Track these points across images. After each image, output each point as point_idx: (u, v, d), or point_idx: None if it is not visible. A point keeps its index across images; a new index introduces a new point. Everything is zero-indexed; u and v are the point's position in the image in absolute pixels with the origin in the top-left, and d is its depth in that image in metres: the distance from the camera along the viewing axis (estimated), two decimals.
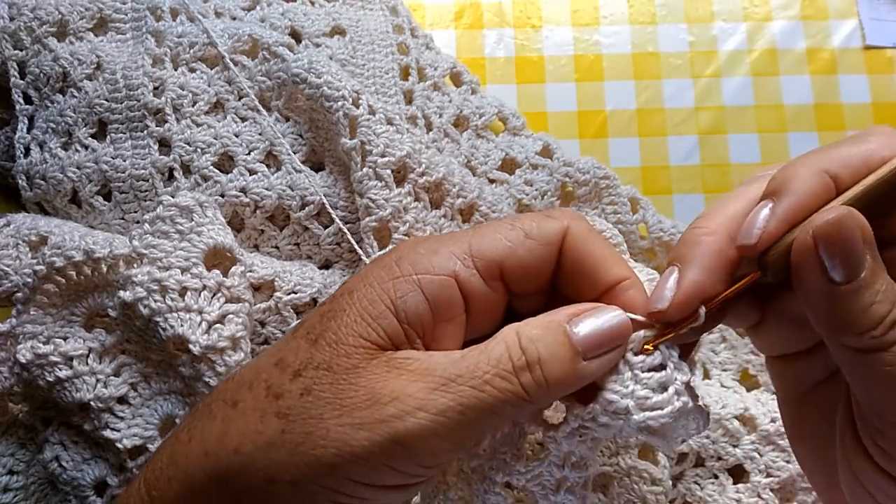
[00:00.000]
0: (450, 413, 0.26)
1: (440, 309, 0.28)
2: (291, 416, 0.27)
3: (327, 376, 0.27)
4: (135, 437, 0.36)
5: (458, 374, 0.26)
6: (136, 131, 0.44)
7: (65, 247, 0.37)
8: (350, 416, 0.26)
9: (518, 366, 0.27)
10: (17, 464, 0.39)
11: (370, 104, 0.42)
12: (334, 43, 0.46)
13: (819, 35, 0.52)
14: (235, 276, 0.37)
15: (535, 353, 0.27)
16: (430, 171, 0.41)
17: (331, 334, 0.28)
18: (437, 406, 0.26)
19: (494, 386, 0.26)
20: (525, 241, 0.29)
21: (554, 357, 0.27)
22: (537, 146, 0.47)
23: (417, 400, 0.26)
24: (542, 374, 0.27)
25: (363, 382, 0.27)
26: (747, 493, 0.41)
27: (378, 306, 0.28)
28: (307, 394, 0.27)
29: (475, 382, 0.26)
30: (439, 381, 0.26)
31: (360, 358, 0.27)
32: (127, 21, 0.47)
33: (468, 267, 0.28)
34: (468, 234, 0.29)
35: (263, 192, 0.42)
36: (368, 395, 0.26)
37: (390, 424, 0.26)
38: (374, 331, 0.28)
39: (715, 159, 0.50)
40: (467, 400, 0.26)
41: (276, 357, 0.29)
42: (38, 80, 0.45)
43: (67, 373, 0.36)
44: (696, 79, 0.52)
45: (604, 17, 0.53)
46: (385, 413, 0.26)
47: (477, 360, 0.27)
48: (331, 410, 0.27)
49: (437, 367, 0.27)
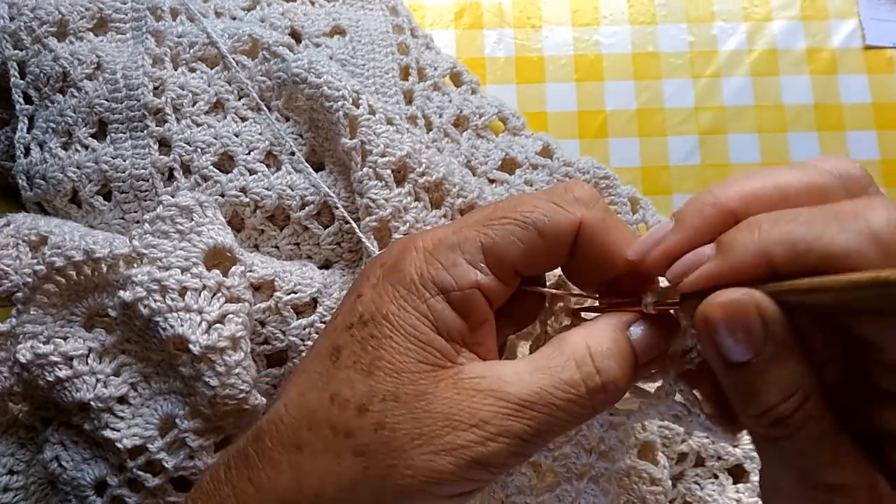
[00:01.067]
0: (525, 436, 0.27)
1: (470, 318, 0.29)
2: (370, 452, 0.27)
3: (397, 407, 0.27)
4: (135, 437, 0.36)
5: (531, 401, 0.27)
6: (136, 131, 0.44)
7: (65, 247, 0.37)
8: (431, 444, 0.27)
9: (592, 388, 0.27)
10: (17, 464, 0.39)
11: (370, 104, 0.42)
12: (334, 43, 0.46)
13: (819, 35, 0.52)
14: (235, 276, 0.37)
15: (612, 372, 0.27)
16: (430, 171, 0.41)
17: (386, 363, 0.28)
18: (515, 432, 0.27)
19: (566, 411, 0.27)
20: (538, 241, 0.28)
21: (626, 374, 0.28)
22: (537, 146, 0.47)
23: (496, 427, 0.27)
24: (616, 392, 0.28)
25: (437, 409, 0.27)
26: (747, 493, 0.41)
27: (424, 330, 0.28)
28: (381, 428, 0.27)
29: (549, 409, 0.27)
30: (514, 408, 0.27)
31: (425, 384, 0.27)
32: (127, 21, 0.47)
33: (486, 274, 0.28)
34: (480, 233, 0.29)
35: (263, 192, 0.42)
36: (446, 421, 0.27)
37: (473, 450, 0.26)
38: (431, 353, 0.28)
39: (715, 159, 0.50)
40: (542, 425, 0.27)
41: (328, 392, 0.28)
42: (38, 80, 0.45)
43: (67, 373, 0.36)
44: (696, 79, 0.52)
45: (604, 17, 0.53)
46: (467, 439, 0.27)
47: (549, 382, 0.27)
48: (410, 441, 0.27)
49: (507, 387, 0.27)
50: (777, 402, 0.24)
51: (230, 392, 0.35)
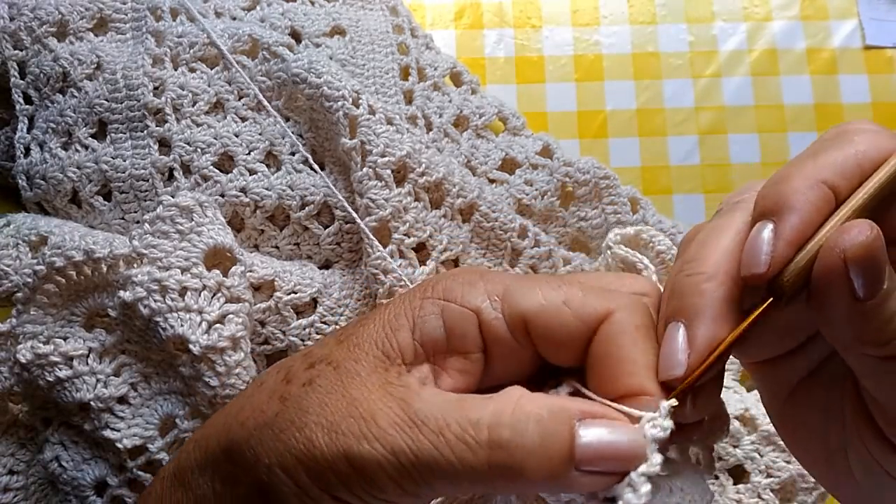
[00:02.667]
0: (402, 457, 0.25)
1: (454, 339, 0.27)
2: (289, 401, 0.27)
3: (332, 374, 0.27)
4: (135, 437, 0.36)
5: (424, 422, 0.25)
6: (136, 131, 0.44)
7: (65, 247, 0.37)
8: (326, 417, 0.26)
9: (494, 440, 0.24)
10: (17, 464, 0.39)
11: (370, 104, 0.42)
12: (334, 43, 0.46)
13: (819, 35, 0.52)
14: (235, 276, 0.37)
15: (524, 434, 0.24)
16: (430, 171, 0.41)
17: (355, 337, 0.28)
18: (392, 443, 0.25)
19: (455, 451, 0.24)
20: (560, 307, 0.27)
21: (543, 449, 0.24)
22: (537, 146, 0.47)
23: (379, 430, 0.25)
24: (520, 462, 0.24)
25: (353, 390, 0.27)
26: (748, 494, 0.41)
27: (400, 319, 0.28)
28: (308, 384, 0.27)
29: (436, 439, 0.24)
30: (407, 421, 0.25)
31: (365, 364, 0.27)
32: (127, 21, 0.47)
33: (495, 309, 0.27)
34: (511, 278, 0.29)
35: (263, 192, 0.42)
36: (350, 404, 0.26)
37: (347, 440, 0.25)
38: (389, 341, 0.28)
39: (715, 159, 0.50)
40: (421, 452, 0.24)
41: (309, 349, 0.30)
42: (38, 80, 0.45)
43: (67, 373, 0.36)
44: (696, 79, 0.52)
45: (604, 17, 0.53)
46: (350, 428, 0.25)
47: (452, 414, 0.25)
48: (316, 406, 0.27)
49: (413, 403, 0.25)
50: None
51: (230, 392, 0.35)
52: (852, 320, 0.24)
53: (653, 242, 0.40)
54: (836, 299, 0.24)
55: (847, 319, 0.24)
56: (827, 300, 0.24)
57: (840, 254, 0.23)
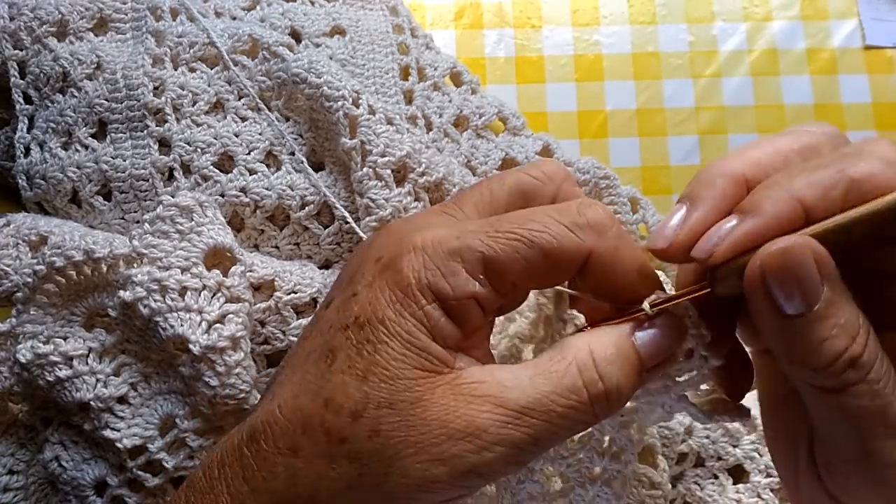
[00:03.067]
0: (523, 444, 0.26)
1: (465, 326, 0.28)
2: (364, 459, 0.27)
3: (392, 414, 0.27)
4: (135, 437, 0.36)
5: (531, 408, 0.26)
6: (136, 131, 0.44)
7: (65, 247, 0.37)
8: (427, 452, 0.26)
9: (595, 395, 0.27)
10: (17, 464, 0.39)
11: (370, 104, 0.42)
12: (334, 43, 0.46)
13: (819, 35, 0.52)
14: (235, 276, 0.37)
15: (615, 379, 0.27)
16: (430, 171, 0.41)
17: (381, 370, 0.27)
18: (513, 441, 0.26)
19: (566, 418, 0.26)
20: (542, 262, 0.27)
21: (630, 380, 0.27)
22: (537, 146, 0.47)
23: (493, 435, 0.26)
24: (616, 398, 0.27)
25: (433, 416, 0.26)
26: (747, 494, 0.41)
27: (419, 336, 0.27)
28: (375, 435, 0.27)
29: (549, 416, 0.26)
30: (512, 415, 0.26)
31: (421, 390, 0.27)
32: (127, 21, 0.47)
33: (484, 286, 0.28)
34: (483, 243, 0.28)
35: (263, 192, 0.42)
36: (441, 429, 0.26)
37: (469, 459, 0.26)
38: (427, 360, 0.27)
39: (715, 159, 0.50)
40: (540, 433, 0.26)
41: (321, 397, 0.28)
42: (38, 80, 0.45)
43: (67, 373, 0.36)
44: (696, 79, 0.52)
45: (604, 17, 0.53)
46: (463, 448, 0.26)
47: (549, 388, 0.27)
48: (405, 449, 0.26)
49: (506, 393, 0.26)
50: (846, 344, 0.24)
51: (230, 392, 0.35)
52: (779, 337, 0.25)
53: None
54: (759, 309, 0.25)
55: (774, 334, 0.25)
56: (753, 308, 0.25)
57: (757, 262, 0.24)
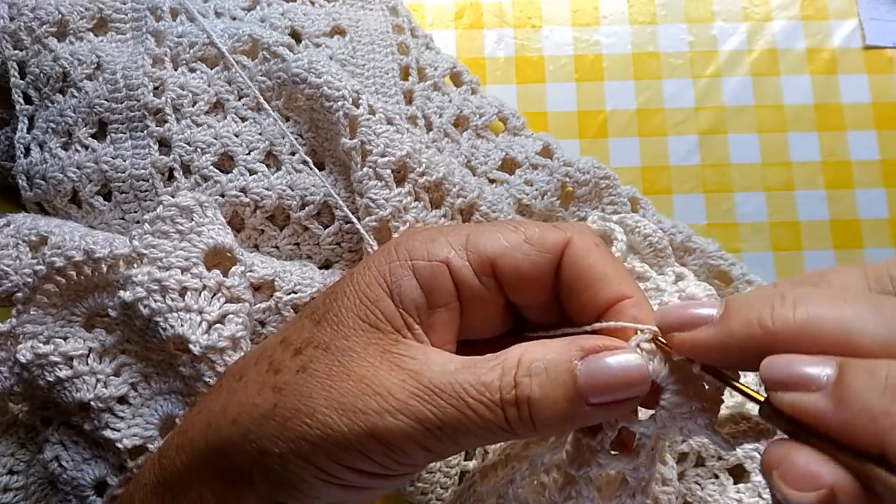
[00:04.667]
0: (429, 424, 0.26)
1: (433, 294, 0.28)
2: (286, 390, 0.27)
3: (324, 356, 0.28)
4: (135, 437, 0.36)
5: (442, 389, 0.26)
6: (136, 131, 0.44)
7: (65, 247, 0.37)
8: (337, 399, 0.27)
9: (506, 399, 0.26)
10: (17, 464, 0.39)
11: (370, 104, 0.42)
12: (334, 43, 0.46)
13: (819, 35, 0.52)
14: (235, 276, 0.37)
15: (528, 389, 0.26)
16: (430, 170, 0.41)
17: (332, 315, 0.29)
18: (417, 414, 0.26)
19: (476, 411, 0.26)
20: (523, 244, 0.28)
21: (548, 398, 0.26)
22: (537, 146, 0.47)
23: (400, 402, 0.26)
24: (530, 413, 0.26)
25: (355, 368, 0.27)
26: (748, 493, 0.41)
27: (375, 289, 0.28)
28: (303, 371, 0.28)
29: (457, 403, 0.26)
30: (425, 390, 0.26)
31: (357, 341, 0.28)
32: (127, 21, 0.47)
33: (461, 258, 0.28)
34: (470, 228, 0.30)
35: (263, 192, 0.42)
36: (356, 382, 0.27)
37: (370, 418, 0.26)
38: (373, 313, 0.28)
39: (715, 159, 0.50)
40: (446, 417, 0.26)
41: (283, 335, 0.30)
42: (38, 80, 0.45)
43: (67, 373, 0.36)
44: (696, 79, 0.52)
45: (604, 17, 0.53)
46: (367, 405, 0.26)
47: (467, 378, 0.26)
48: (320, 390, 0.27)
49: (425, 372, 0.27)
50: None
51: None
52: None
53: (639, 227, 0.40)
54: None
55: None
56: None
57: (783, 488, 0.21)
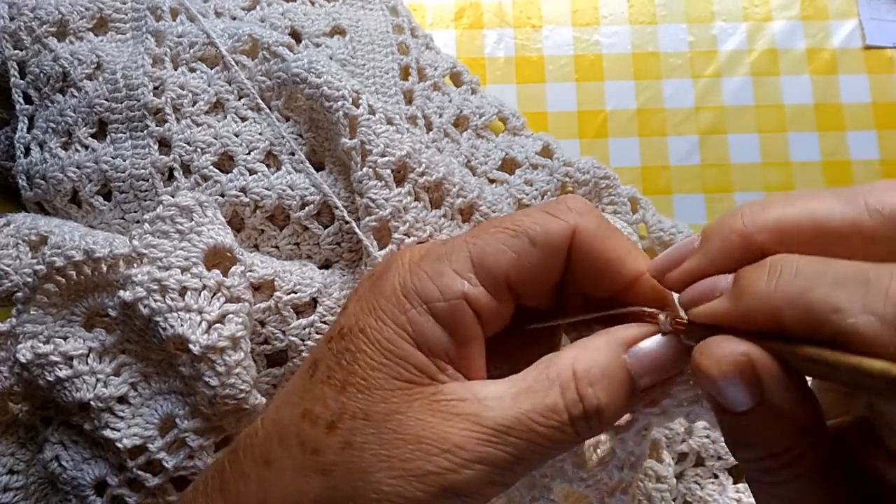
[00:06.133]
0: (503, 464, 0.25)
1: (458, 332, 0.27)
2: (336, 472, 0.26)
3: (367, 426, 0.26)
4: (135, 437, 0.36)
5: (511, 426, 0.25)
6: (136, 131, 0.44)
7: (65, 247, 0.37)
8: (401, 468, 0.25)
9: (575, 416, 0.25)
10: (17, 463, 0.39)
11: (370, 104, 0.42)
12: (334, 43, 0.46)
13: (819, 35, 0.52)
14: (235, 275, 0.37)
15: (594, 400, 0.25)
16: (430, 170, 0.41)
17: (359, 379, 0.27)
18: (491, 459, 0.25)
19: (548, 437, 0.25)
20: (530, 249, 0.27)
21: (612, 401, 0.26)
22: (537, 146, 0.47)
23: (470, 453, 0.25)
24: (599, 420, 0.26)
25: (408, 430, 0.26)
26: (747, 493, 0.41)
27: (400, 344, 0.27)
28: (349, 447, 0.26)
29: (529, 435, 0.25)
30: (491, 433, 0.25)
31: (398, 402, 0.26)
32: (127, 21, 0.47)
33: (475, 285, 0.27)
34: (468, 244, 0.28)
35: (263, 192, 0.42)
36: (416, 444, 0.25)
37: (445, 477, 0.25)
38: (405, 370, 0.26)
39: (715, 159, 0.50)
40: (520, 452, 0.25)
41: (301, 408, 0.27)
42: (38, 80, 0.45)
43: (67, 372, 0.36)
44: (696, 79, 0.52)
45: (604, 17, 0.53)
46: (438, 465, 0.25)
47: (529, 406, 0.25)
48: (377, 463, 0.25)
49: (486, 413, 0.25)
50: (766, 454, 0.23)
51: (230, 392, 0.35)
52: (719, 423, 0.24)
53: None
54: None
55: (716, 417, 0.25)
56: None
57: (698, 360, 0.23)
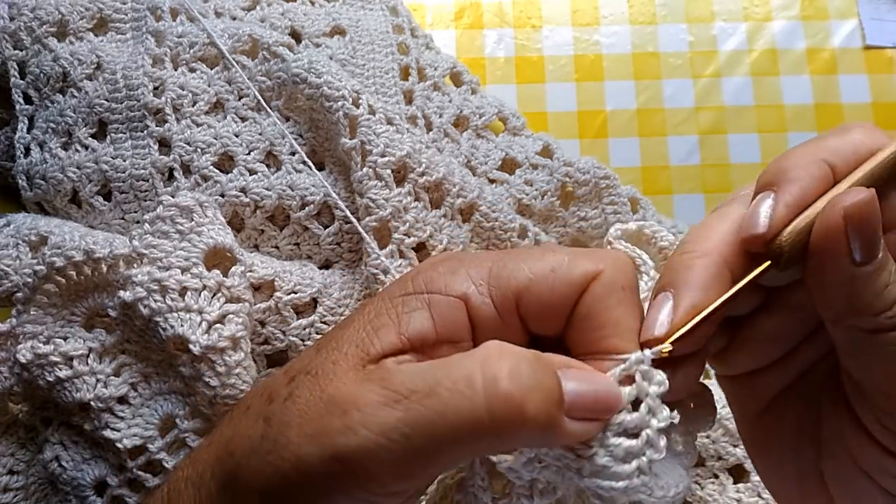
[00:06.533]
0: (394, 434, 0.23)
1: (444, 329, 0.26)
2: (271, 421, 0.26)
3: (310, 381, 0.26)
4: (135, 437, 0.36)
5: (413, 390, 0.23)
6: (136, 131, 0.44)
7: (65, 247, 0.37)
8: (307, 425, 0.24)
9: (489, 386, 0.23)
10: (17, 464, 0.39)
11: (370, 104, 0.42)
12: (334, 43, 0.46)
13: (819, 35, 0.52)
14: (235, 276, 0.37)
15: (519, 374, 0.23)
16: (430, 170, 0.41)
17: (334, 342, 0.27)
18: (381, 423, 0.23)
19: (450, 405, 0.23)
20: (548, 275, 0.26)
21: (539, 388, 0.23)
22: (537, 146, 0.47)
23: (362, 414, 0.23)
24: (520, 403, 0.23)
25: (329, 390, 0.25)
26: (747, 493, 0.41)
27: (382, 318, 0.27)
28: (289, 398, 0.26)
29: (428, 402, 0.23)
30: (393, 395, 0.23)
31: (344, 365, 0.25)
32: (127, 21, 0.47)
33: (482, 293, 0.27)
34: (493, 257, 0.28)
35: (263, 192, 0.42)
36: (327, 403, 0.24)
37: (335, 439, 0.23)
38: (371, 341, 0.26)
39: (715, 159, 0.50)
40: (416, 420, 0.23)
41: (289, 364, 0.29)
42: (38, 80, 0.45)
43: (67, 373, 0.36)
44: (696, 79, 0.52)
45: (604, 17, 0.53)
46: (333, 425, 0.23)
47: (440, 373, 0.23)
48: (297, 418, 0.25)
49: (395, 376, 0.24)
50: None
51: (230, 392, 0.35)
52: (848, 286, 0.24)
53: (655, 238, 0.40)
54: (835, 261, 0.24)
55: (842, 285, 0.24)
56: (825, 262, 0.25)
57: (840, 212, 0.24)
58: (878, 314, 0.24)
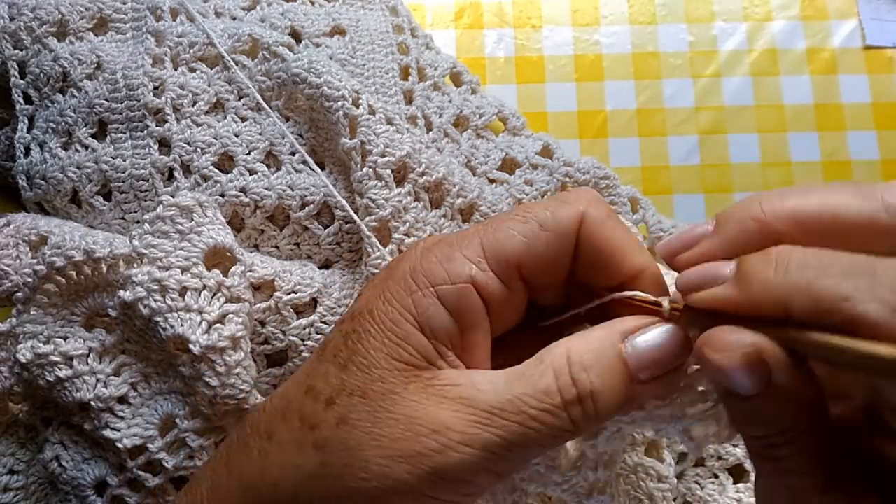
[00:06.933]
0: (494, 448, 0.25)
1: (463, 318, 0.27)
2: (329, 447, 0.26)
3: (362, 403, 0.26)
4: (135, 437, 0.36)
5: (502, 408, 0.25)
6: (136, 131, 0.44)
7: (65, 247, 0.37)
8: (390, 447, 0.25)
9: (568, 400, 0.25)
10: (17, 464, 0.39)
11: (370, 104, 0.42)
12: (334, 43, 0.46)
13: (819, 35, 0.52)
14: (235, 275, 0.37)
15: (588, 384, 0.25)
16: (430, 170, 0.41)
17: (360, 358, 0.27)
18: (482, 441, 0.25)
19: (541, 421, 0.25)
20: (540, 233, 0.27)
21: (607, 387, 0.25)
22: (537, 146, 0.47)
23: (460, 434, 0.25)
24: (594, 406, 0.25)
25: (401, 410, 0.26)
26: (747, 493, 0.41)
27: (403, 325, 0.27)
28: (343, 423, 0.26)
29: (521, 418, 0.25)
30: (482, 415, 0.25)
31: (395, 382, 0.26)
32: (127, 21, 0.47)
33: (484, 270, 0.27)
34: (479, 232, 0.28)
35: (263, 192, 0.42)
36: (408, 425, 0.25)
37: (433, 459, 0.25)
38: (405, 350, 0.27)
39: (715, 159, 0.50)
40: (512, 436, 0.25)
41: (306, 385, 0.28)
42: (38, 80, 0.45)
43: (67, 373, 0.36)
44: (696, 79, 0.52)
45: (604, 17, 0.53)
46: (427, 446, 0.25)
47: (522, 390, 0.25)
48: (368, 441, 0.26)
49: (478, 396, 0.25)
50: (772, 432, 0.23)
51: (230, 392, 0.35)
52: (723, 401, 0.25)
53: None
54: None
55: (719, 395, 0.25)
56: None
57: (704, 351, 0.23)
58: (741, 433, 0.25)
